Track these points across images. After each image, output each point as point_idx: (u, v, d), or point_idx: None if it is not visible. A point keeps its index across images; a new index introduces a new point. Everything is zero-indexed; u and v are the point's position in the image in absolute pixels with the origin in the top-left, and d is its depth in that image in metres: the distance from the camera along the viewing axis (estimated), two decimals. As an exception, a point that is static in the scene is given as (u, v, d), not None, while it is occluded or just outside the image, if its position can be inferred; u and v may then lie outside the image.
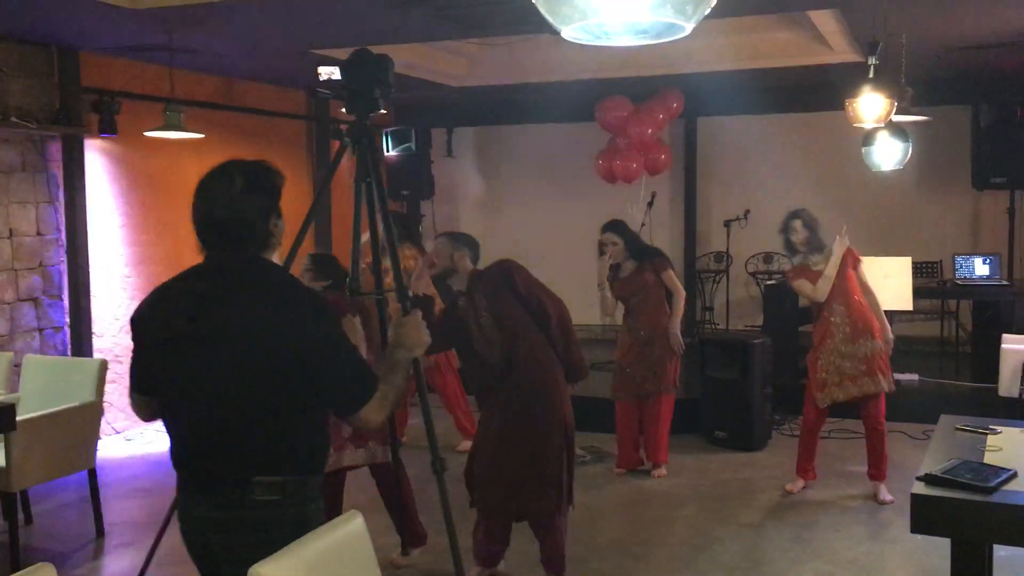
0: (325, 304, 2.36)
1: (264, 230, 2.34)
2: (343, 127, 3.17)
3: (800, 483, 5.48)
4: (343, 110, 3.49)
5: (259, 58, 7.16)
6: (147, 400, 2.47)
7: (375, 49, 7.11)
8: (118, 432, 6.95)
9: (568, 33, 1.35)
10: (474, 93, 8.75)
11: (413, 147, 9.67)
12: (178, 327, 2.28)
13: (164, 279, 8.15)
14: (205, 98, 7.67)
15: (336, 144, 9.42)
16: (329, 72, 3.58)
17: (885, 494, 5.26)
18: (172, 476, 6.26)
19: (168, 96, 6.43)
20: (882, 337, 5.24)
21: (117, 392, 7.00)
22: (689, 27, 1.30)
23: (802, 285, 5.32)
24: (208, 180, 2.34)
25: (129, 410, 7.07)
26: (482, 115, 10.11)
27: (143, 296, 8.07)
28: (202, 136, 6.78)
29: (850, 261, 5.29)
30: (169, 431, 2.39)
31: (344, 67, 3.37)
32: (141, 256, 7.25)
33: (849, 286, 5.27)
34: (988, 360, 7.00)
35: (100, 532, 4.92)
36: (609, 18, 1.24)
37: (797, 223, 5.30)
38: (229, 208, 2.29)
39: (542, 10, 1.31)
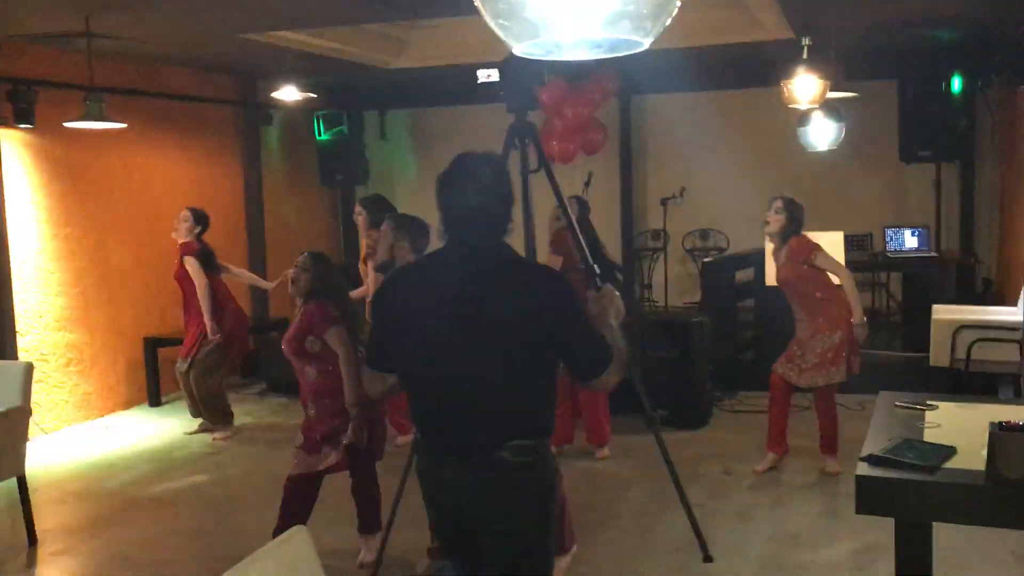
0: (570, 282, 2.58)
1: (507, 217, 2.54)
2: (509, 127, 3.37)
3: (770, 458, 5.47)
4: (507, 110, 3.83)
5: (183, 43, 6.93)
6: (382, 377, 2.66)
7: (303, 32, 6.96)
8: (47, 434, 6.73)
9: (520, 50, 1.29)
10: (406, 75, 8.62)
11: (345, 131, 9.52)
12: (445, 306, 2.47)
13: (91, 272, 7.89)
14: (127, 85, 7.41)
15: (267, 131, 9.22)
16: (487, 75, 3.81)
17: (834, 466, 5.35)
18: (104, 479, 6.08)
19: (88, 84, 6.18)
20: (850, 326, 5.17)
21: (44, 392, 6.78)
22: (647, 42, 1.25)
23: None
24: (458, 172, 2.55)
25: (59, 409, 6.89)
26: (415, 97, 9.98)
27: (69, 291, 7.72)
28: (124, 126, 6.55)
29: (798, 257, 5.19)
30: (419, 401, 2.59)
31: (501, 69, 3.69)
32: (65, 250, 7.00)
33: (797, 281, 5.22)
34: (918, 330, 7.17)
35: (32, 540, 4.75)
36: (563, 35, 1.18)
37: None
38: (482, 197, 2.49)
39: (493, 27, 1.25)
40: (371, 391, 2.73)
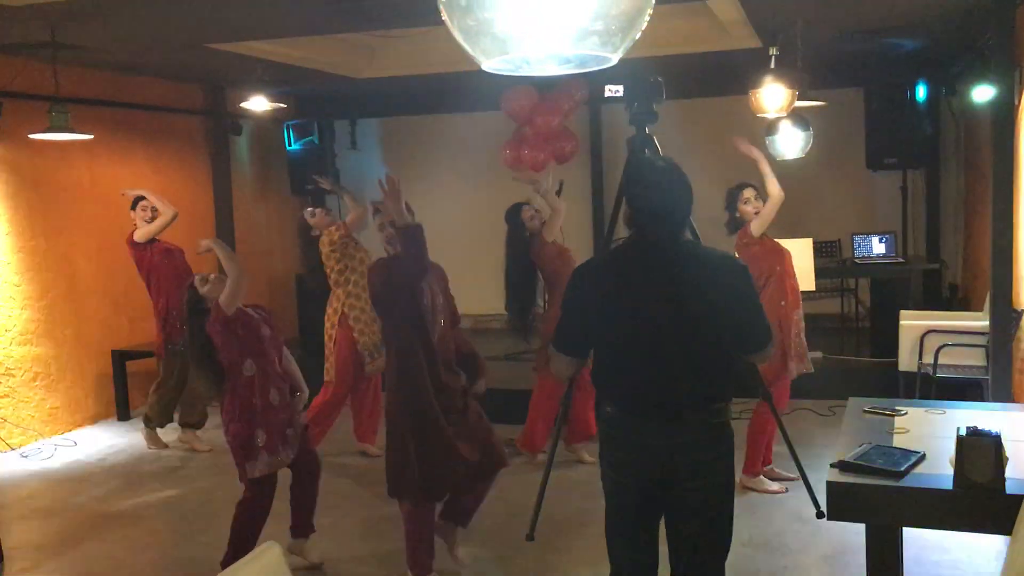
0: (745, 266, 2.93)
1: (689, 213, 2.92)
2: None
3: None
4: (629, 123, 4.28)
5: (151, 53, 6.88)
6: (575, 362, 3.02)
7: (271, 42, 6.92)
8: (13, 449, 6.62)
9: (489, 66, 1.29)
10: (377, 84, 8.60)
11: (316, 140, 9.48)
12: (643, 293, 2.80)
13: (58, 285, 7.86)
14: (94, 95, 7.33)
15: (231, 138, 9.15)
16: (614, 90, 4.21)
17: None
18: (73, 494, 5.98)
19: (53, 95, 6.11)
20: None
21: (10, 407, 6.68)
22: (616, 58, 1.26)
23: None
24: (648, 176, 2.95)
25: (26, 424, 6.78)
26: (386, 107, 9.96)
27: (35, 304, 7.59)
28: (91, 137, 6.47)
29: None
30: (622, 378, 2.89)
31: (626, 85, 4.16)
32: (31, 263, 6.90)
33: None
34: (886, 335, 7.24)
35: (0, 558, 4.69)
36: (532, 51, 1.19)
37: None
38: (671, 197, 2.84)
39: (461, 42, 1.25)
40: (562, 375, 3.12)
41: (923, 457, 2.87)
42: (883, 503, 2.73)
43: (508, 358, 8.12)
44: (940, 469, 2.78)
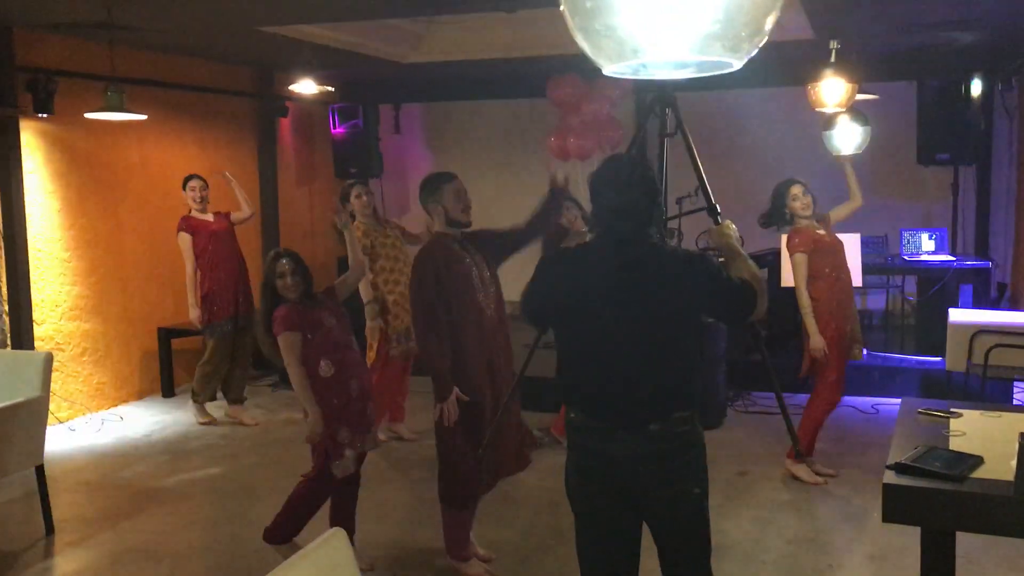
0: (707, 256, 2.88)
1: (651, 210, 2.81)
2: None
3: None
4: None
5: (203, 35, 6.93)
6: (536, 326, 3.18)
7: (321, 25, 6.94)
8: (62, 422, 6.75)
9: (610, 70, 1.28)
10: (422, 70, 8.61)
11: (360, 124, 9.51)
12: (605, 293, 2.73)
13: (107, 262, 7.93)
14: (145, 75, 7.41)
15: (278, 121, 9.20)
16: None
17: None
18: (119, 469, 6.07)
19: (108, 75, 6.18)
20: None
21: (59, 381, 6.80)
22: (739, 63, 1.24)
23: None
24: (609, 173, 2.81)
25: (74, 399, 6.90)
26: (430, 92, 9.96)
27: (85, 280, 7.67)
28: (145, 117, 6.54)
29: None
30: (586, 382, 2.82)
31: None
32: (81, 239, 7.01)
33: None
34: (933, 333, 7.14)
35: (50, 529, 4.77)
36: (655, 56, 1.17)
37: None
38: (630, 195, 2.75)
39: (584, 47, 1.23)
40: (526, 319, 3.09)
41: (981, 461, 2.82)
42: (940, 507, 2.69)
43: (547, 346, 8.11)
44: (999, 474, 2.73)
